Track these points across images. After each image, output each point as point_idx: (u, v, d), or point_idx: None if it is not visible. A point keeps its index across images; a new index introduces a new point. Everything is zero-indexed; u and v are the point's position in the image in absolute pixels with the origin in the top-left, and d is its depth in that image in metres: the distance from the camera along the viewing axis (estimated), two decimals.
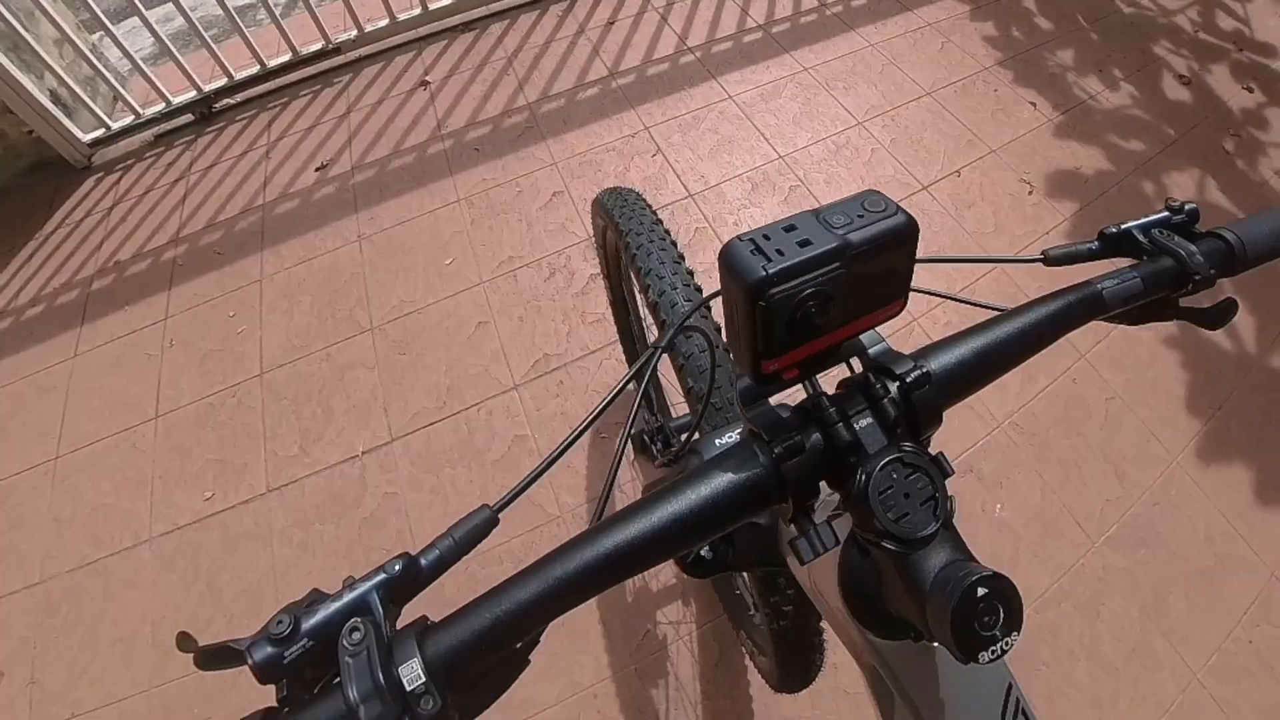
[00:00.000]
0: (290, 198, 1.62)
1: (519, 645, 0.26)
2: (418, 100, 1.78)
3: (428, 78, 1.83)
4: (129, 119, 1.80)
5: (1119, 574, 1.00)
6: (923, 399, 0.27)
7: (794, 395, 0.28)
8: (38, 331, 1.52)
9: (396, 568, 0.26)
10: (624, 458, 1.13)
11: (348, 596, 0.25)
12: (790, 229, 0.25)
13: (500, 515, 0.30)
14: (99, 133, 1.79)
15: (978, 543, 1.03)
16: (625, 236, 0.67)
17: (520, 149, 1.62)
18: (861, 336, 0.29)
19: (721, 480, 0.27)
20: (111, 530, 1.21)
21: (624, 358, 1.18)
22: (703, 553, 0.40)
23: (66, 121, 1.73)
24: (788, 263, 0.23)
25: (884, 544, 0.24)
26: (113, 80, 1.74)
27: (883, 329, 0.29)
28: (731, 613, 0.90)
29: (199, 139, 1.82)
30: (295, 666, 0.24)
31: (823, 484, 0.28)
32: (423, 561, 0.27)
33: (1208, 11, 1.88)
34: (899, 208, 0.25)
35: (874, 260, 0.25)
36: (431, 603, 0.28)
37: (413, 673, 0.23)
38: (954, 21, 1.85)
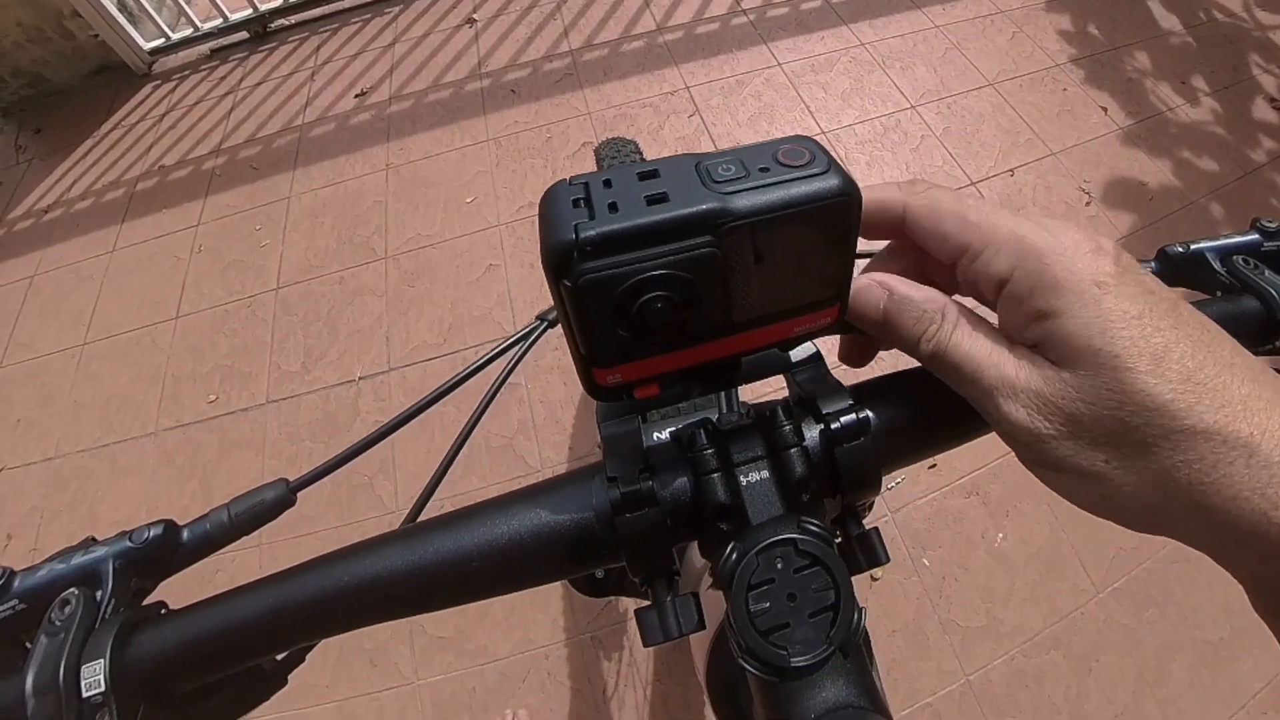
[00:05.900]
0: (327, 121, 1.53)
1: (264, 662, 0.19)
2: (463, 37, 1.64)
3: (475, 15, 1.68)
4: (188, 30, 1.72)
5: (1120, 630, 0.85)
6: (852, 456, 0.17)
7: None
8: (84, 224, 1.48)
9: (148, 535, 0.21)
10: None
11: (78, 559, 0.20)
12: (648, 176, 0.15)
13: (298, 495, 0.23)
14: (159, 42, 1.72)
15: (970, 570, 0.90)
16: None
17: (556, 95, 1.47)
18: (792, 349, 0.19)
19: (538, 517, 0.18)
20: (123, 419, 1.17)
21: None
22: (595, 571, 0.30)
23: (130, 29, 1.67)
24: (617, 225, 0.14)
25: (744, 661, 0.16)
26: None
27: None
28: None
29: (251, 56, 1.72)
30: (2, 629, 0.19)
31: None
32: (185, 534, 0.22)
33: None
34: (832, 164, 0.15)
35: (778, 241, 0.15)
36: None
37: (94, 676, 0.17)
38: (1028, 11, 1.61)
